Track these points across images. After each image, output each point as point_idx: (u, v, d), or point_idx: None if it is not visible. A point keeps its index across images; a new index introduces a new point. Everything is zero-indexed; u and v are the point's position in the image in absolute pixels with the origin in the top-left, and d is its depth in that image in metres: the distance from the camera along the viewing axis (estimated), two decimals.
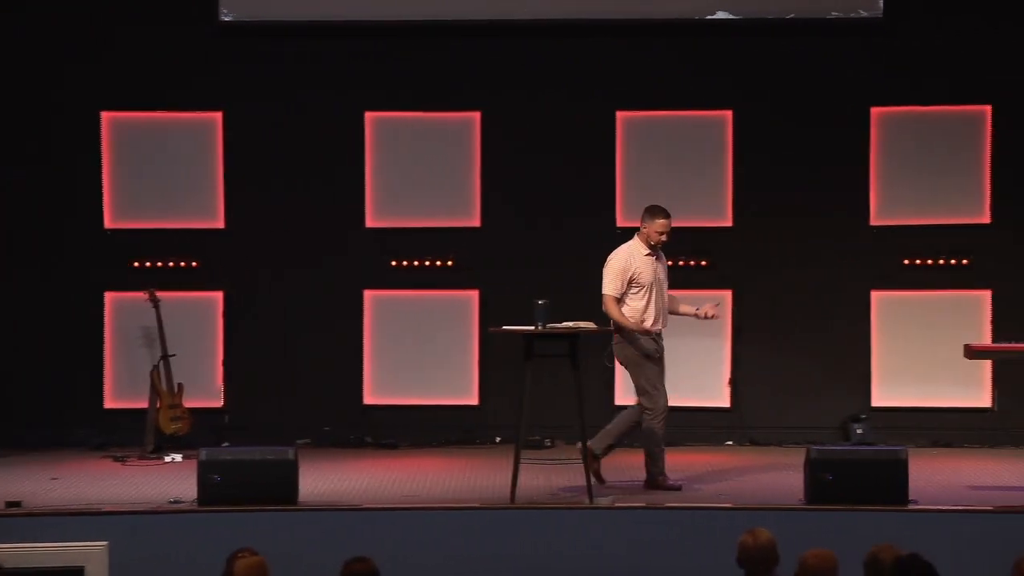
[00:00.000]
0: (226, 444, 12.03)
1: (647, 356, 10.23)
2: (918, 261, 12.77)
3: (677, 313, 10.53)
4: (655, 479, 10.23)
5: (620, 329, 10.25)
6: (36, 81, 12.82)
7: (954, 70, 12.70)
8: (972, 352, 10.27)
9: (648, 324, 10.24)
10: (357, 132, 12.89)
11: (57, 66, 12.79)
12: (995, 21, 12.63)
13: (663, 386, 10.23)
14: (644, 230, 10.34)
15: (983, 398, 12.66)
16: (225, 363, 12.88)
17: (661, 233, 10.29)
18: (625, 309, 10.26)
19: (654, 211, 10.34)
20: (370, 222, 12.92)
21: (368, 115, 12.91)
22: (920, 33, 12.70)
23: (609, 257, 10.34)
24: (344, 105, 12.85)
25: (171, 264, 12.89)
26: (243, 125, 12.87)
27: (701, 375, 12.51)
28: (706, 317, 10.50)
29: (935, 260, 12.76)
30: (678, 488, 10.20)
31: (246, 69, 12.89)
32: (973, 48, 12.65)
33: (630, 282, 10.26)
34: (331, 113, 12.87)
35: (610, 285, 10.27)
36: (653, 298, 10.27)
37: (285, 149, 12.87)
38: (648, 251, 10.33)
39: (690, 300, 10.70)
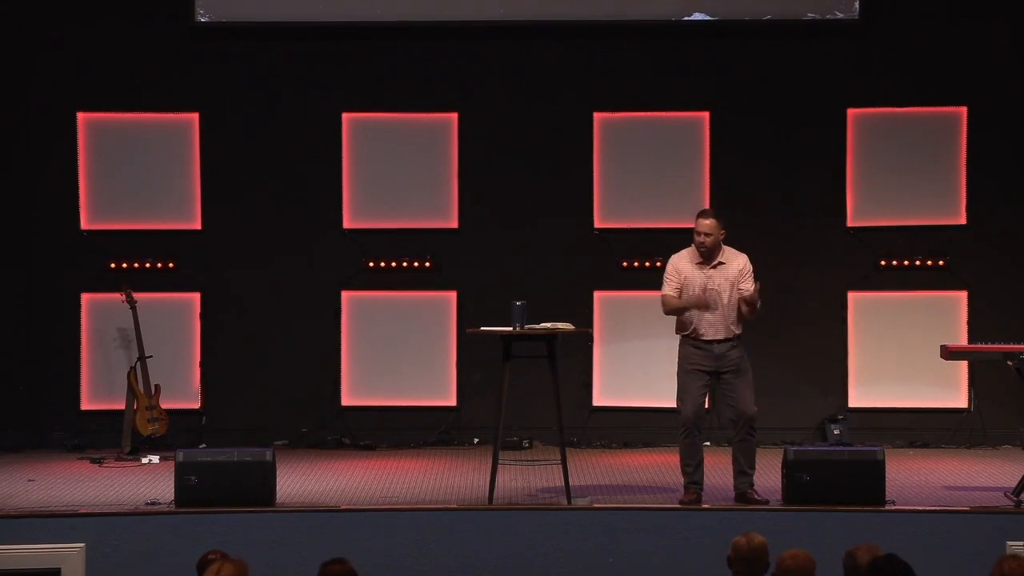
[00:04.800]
0: (203, 445, 12.02)
1: (683, 365, 9.84)
2: (895, 262, 12.80)
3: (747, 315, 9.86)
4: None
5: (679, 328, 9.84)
6: (12, 82, 12.76)
7: (930, 72, 12.73)
8: (948, 353, 10.30)
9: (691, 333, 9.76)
10: (334, 133, 12.86)
11: (33, 67, 12.75)
12: (970, 23, 12.67)
13: (694, 398, 9.76)
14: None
15: (959, 399, 12.70)
16: (202, 364, 12.84)
17: (697, 234, 9.72)
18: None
19: (698, 213, 9.88)
20: (347, 223, 12.90)
21: (345, 116, 12.88)
22: (896, 35, 12.73)
23: None
24: (321, 106, 12.83)
25: (148, 265, 12.85)
26: (220, 126, 12.84)
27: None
28: (753, 301, 9.77)
29: (911, 261, 12.79)
30: (694, 499, 9.69)
31: (223, 70, 12.87)
32: (949, 50, 12.68)
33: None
34: (308, 114, 12.84)
35: (665, 287, 9.84)
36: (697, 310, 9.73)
37: (262, 150, 12.85)
38: (699, 259, 9.76)
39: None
